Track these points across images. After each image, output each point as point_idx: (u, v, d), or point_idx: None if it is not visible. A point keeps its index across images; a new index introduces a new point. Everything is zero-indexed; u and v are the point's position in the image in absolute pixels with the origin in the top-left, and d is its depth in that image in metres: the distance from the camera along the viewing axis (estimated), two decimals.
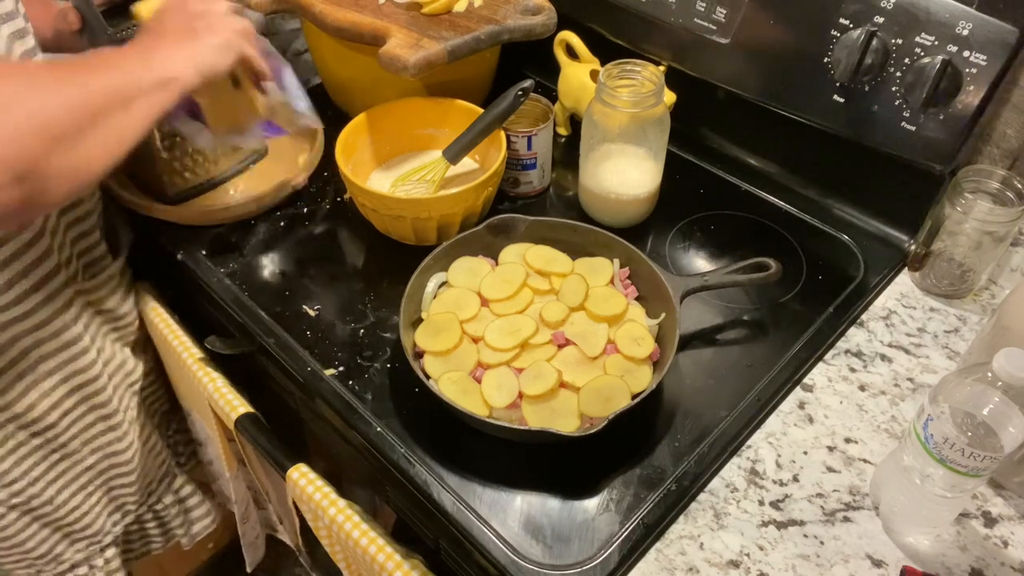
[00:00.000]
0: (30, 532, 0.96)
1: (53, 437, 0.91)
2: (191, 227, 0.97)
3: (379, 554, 0.73)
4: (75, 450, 0.94)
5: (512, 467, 0.74)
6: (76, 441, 0.94)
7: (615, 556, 0.66)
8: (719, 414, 0.77)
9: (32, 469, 0.91)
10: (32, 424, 0.87)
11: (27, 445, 0.89)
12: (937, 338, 0.84)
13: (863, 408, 0.78)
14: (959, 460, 0.60)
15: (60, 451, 0.93)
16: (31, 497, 0.93)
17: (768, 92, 0.93)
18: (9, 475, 0.89)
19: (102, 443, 0.97)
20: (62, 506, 0.97)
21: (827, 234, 0.96)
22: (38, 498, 0.93)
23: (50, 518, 0.97)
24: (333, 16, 0.94)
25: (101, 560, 1.07)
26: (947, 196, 0.83)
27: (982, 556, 0.67)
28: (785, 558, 0.67)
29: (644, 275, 0.82)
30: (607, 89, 0.86)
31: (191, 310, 0.99)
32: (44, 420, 0.88)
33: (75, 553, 1.03)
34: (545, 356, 0.77)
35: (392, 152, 1.03)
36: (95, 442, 0.96)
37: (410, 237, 0.93)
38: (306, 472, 0.81)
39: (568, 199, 1.02)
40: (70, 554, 1.03)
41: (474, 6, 0.98)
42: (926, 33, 0.79)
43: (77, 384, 0.89)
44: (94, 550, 1.06)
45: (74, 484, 0.97)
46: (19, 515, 0.93)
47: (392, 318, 0.87)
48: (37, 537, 0.97)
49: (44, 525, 0.97)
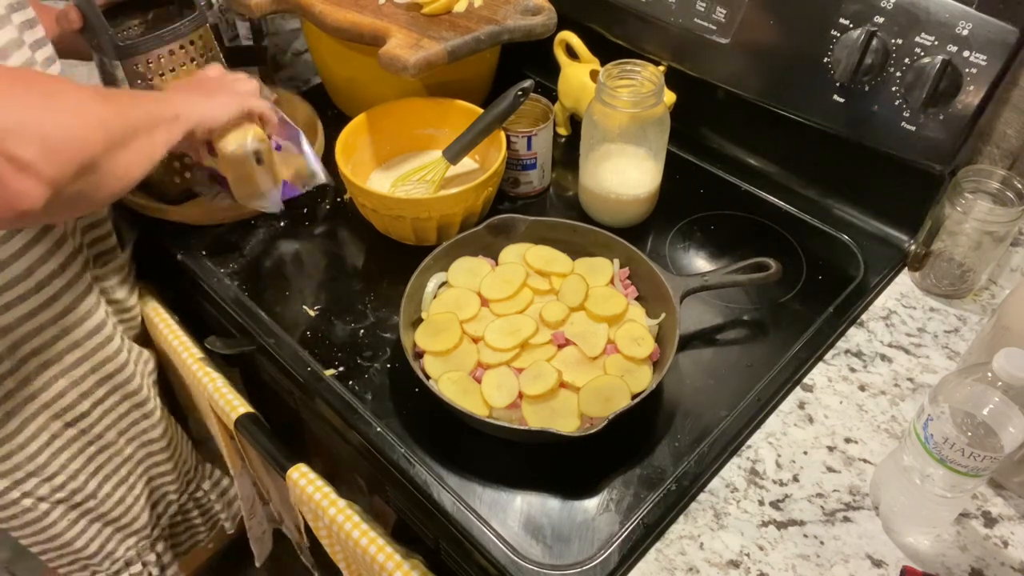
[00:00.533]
0: (79, 529, 0.96)
1: (88, 427, 0.91)
2: (191, 227, 0.97)
3: (379, 554, 0.73)
4: (111, 441, 0.95)
5: (512, 467, 0.74)
6: (112, 432, 0.94)
7: (615, 556, 0.66)
8: (719, 414, 0.77)
9: (71, 462, 0.91)
10: (64, 413, 0.88)
11: (62, 437, 0.89)
12: (937, 338, 0.84)
13: (863, 408, 0.78)
14: (959, 460, 0.60)
15: (97, 442, 0.93)
16: (74, 491, 0.93)
17: (768, 92, 0.93)
18: (48, 468, 0.89)
19: (137, 432, 0.98)
20: (106, 499, 0.97)
21: (827, 234, 0.96)
22: (81, 492, 0.94)
23: (96, 513, 0.97)
24: (333, 16, 0.94)
25: (153, 556, 1.08)
26: (947, 196, 0.83)
27: (982, 556, 0.67)
28: (785, 558, 0.67)
29: (644, 275, 0.82)
30: (607, 89, 0.86)
31: (191, 310, 0.99)
32: (76, 408, 0.89)
33: (126, 550, 1.04)
34: (545, 356, 0.77)
35: (392, 152, 1.03)
36: (130, 431, 0.97)
37: (410, 237, 0.93)
38: (306, 472, 0.81)
39: (568, 199, 1.02)
40: (122, 551, 1.03)
41: (474, 6, 0.98)
42: (926, 33, 0.79)
43: (107, 373, 0.90)
44: (144, 546, 1.06)
45: (115, 476, 0.97)
46: (65, 510, 0.94)
47: (392, 318, 0.87)
48: (87, 535, 0.97)
49: (92, 521, 0.97)
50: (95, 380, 0.89)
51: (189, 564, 1.50)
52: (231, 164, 0.83)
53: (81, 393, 0.88)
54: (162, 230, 0.97)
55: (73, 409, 0.89)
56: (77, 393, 0.88)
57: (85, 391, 0.89)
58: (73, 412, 0.89)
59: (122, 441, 0.96)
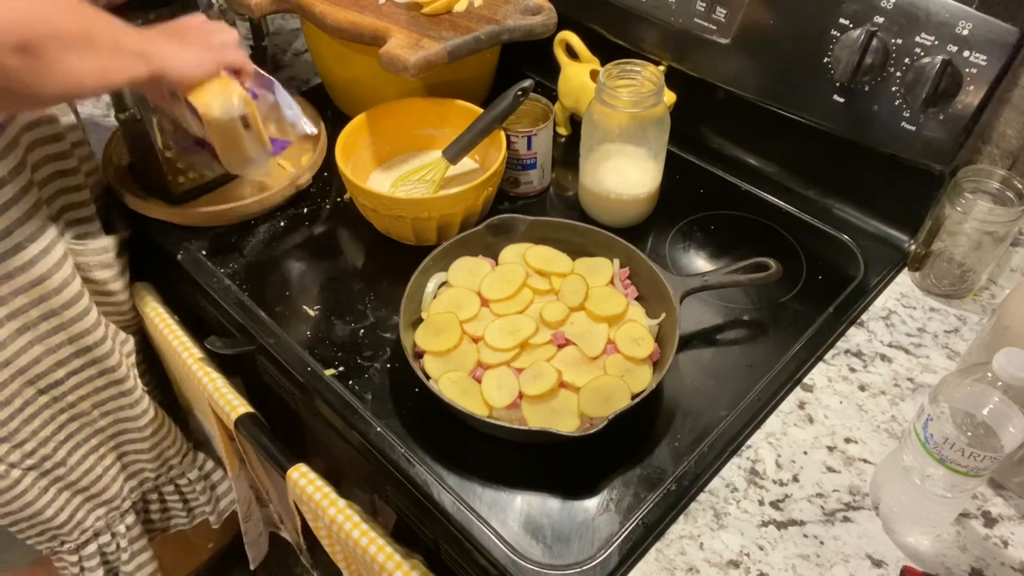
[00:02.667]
0: (49, 497, 0.96)
1: (60, 395, 0.91)
2: (191, 227, 0.97)
3: (379, 554, 0.73)
4: (85, 411, 0.95)
5: (512, 467, 0.74)
6: (86, 403, 0.94)
7: (615, 556, 0.66)
8: (719, 414, 0.77)
9: (42, 428, 0.91)
10: (38, 380, 0.88)
11: (34, 404, 0.89)
12: (937, 338, 0.84)
13: (863, 408, 0.78)
14: (959, 460, 0.60)
15: (69, 411, 0.93)
16: (44, 458, 0.93)
17: (768, 92, 0.93)
18: (20, 434, 0.89)
19: (113, 407, 0.98)
20: (75, 467, 0.97)
21: (827, 234, 0.96)
22: (50, 459, 0.94)
23: (66, 480, 0.97)
24: (333, 16, 0.94)
25: (122, 527, 1.08)
26: (947, 196, 0.83)
27: (982, 556, 0.67)
28: (785, 558, 0.67)
29: (644, 275, 0.82)
30: (607, 89, 0.86)
31: (191, 310, 1.00)
32: (50, 376, 0.89)
33: (95, 520, 1.04)
34: (545, 356, 0.77)
35: (392, 152, 1.03)
36: (106, 405, 0.97)
37: (410, 237, 0.93)
38: (306, 472, 0.81)
39: (568, 199, 1.02)
40: (91, 520, 1.03)
41: (474, 6, 0.98)
42: (926, 33, 0.79)
43: (85, 346, 0.90)
44: (114, 516, 1.06)
45: (84, 446, 0.97)
46: (35, 477, 0.93)
47: (392, 318, 0.87)
48: (56, 503, 0.97)
49: (61, 489, 0.97)
50: (72, 351, 0.89)
51: (183, 568, 1.50)
52: (217, 130, 0.80)
53: (57, 361, 0.89)
54: (162, 230, 0.97)
55: (47, 376, 0.89)
56: (53, 361, 0.88)
57: (61, 359, 0.89)
58: (47, 379, 0.89)
59: (96, 413, 0.96)
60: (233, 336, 0.92)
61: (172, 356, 0.95)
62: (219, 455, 1.03)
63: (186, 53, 0.76)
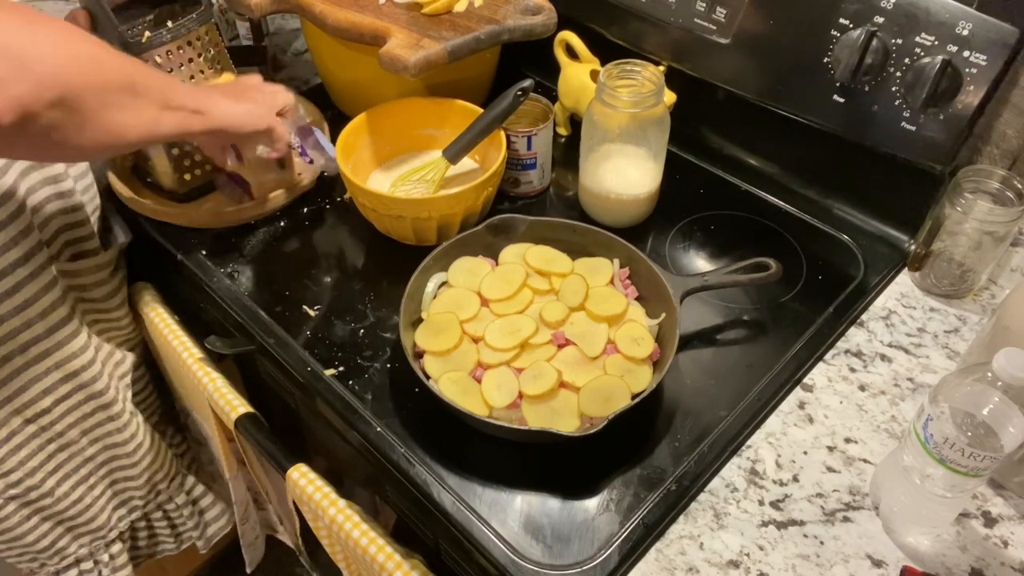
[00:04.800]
0: (30, 525, 0.96)
1: (48, 424, 0.91)
2: (191, 227, 0.97)
3: (379, 554, 0.74)
4: (73, 440, 0.94)
5: (512, 467, 0.74)
6: (74, 431, 0.94)
7: (615, 556, 0.66)
8: (719, 414, 0.77)
9: (29, 459, 0.91)
10: (25, 409, 0.87)
11: (21, 433, 0.89)
12: (937, 338, 0.84)
13: (863, 408, 0.78)
14: (959, 460, 0.60)
15: (57, 440, 0.93)
16: (29, 488, 0.92)
17: (768, 92, 0.93)
18: (5, 464, 0.89)
19: (101, 433, 0.97)
20: (63, 498, 0.96)
21: (827, 234, 0.96)
22: (37, 489, 0.93)
23: (51, 511, 0.97)
24: (333, 16, 0.94)
25: (106, 556, 1.07)
26: (947, 196, 0.83)
27: (982, 556, 0.67)
28: (785, 558, 0.67)
29: (644, 275, 0.82)
30: (607, 89, 0.86)
31: (191, 310, 0.99)
32: (37, 405, 0.88)
33: (79, 548, 1.03)
34: (545, 356, 0.77)
35: (392, 152, 1.03)
36: (94, 432, 0.96)
37: (410, 237, 0.93)
38: (306, 472, 0.81)
39: (568, 199, 1.02)
40: (74, 548, 1.03)
41: (474, 6, 0.98)
42: (926, 33, 0.79)
43: (72, 371, 0.89)
44: (98, 545, 1.05)
45: (74, 476, 0.97)
46: (17, 506, 0.93)
47: (392, 318, 0.87)
48: (38, 531, 0.97)
49: (45, 518, 0.97)
50: (59, 377, 0.89)
51: (183, 568, 1.50)
52: (254, 169, 0.85)
53: (43, 389, 0.88)
54: (162, 230, 0.97)
55: (34, 405, 0.88)
56: (39, 389, 0.88)
57: (48, 387, 0.88)
58: (34, 408, 0.88)
59: (84, 441, 0.96)
60: (233, 336, 0.92)
61: (172, 356, 0.95)
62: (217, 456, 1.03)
63: (240, 108, 0.80)
